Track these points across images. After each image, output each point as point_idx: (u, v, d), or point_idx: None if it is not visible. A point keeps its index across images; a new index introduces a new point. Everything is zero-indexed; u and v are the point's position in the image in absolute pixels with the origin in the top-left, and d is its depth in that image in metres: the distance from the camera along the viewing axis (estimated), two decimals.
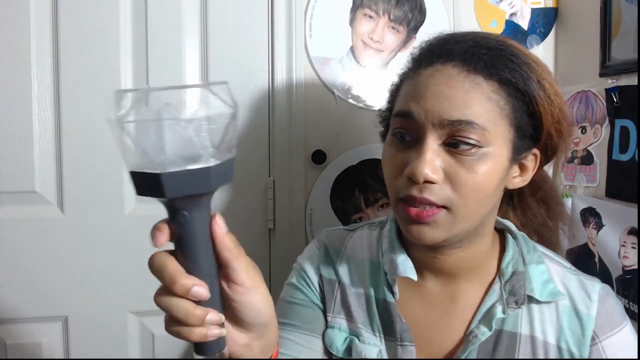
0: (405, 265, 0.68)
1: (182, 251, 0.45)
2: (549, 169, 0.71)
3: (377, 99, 1.20)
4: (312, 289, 0.75)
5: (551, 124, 0.63)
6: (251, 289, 0.48)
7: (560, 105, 0.63)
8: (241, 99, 1.14)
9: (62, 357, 1.14)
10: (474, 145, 0.59)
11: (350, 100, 1.19)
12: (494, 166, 0.60)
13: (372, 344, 0.69)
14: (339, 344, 0.70)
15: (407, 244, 0.71)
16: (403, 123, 0.62)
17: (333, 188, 1.20)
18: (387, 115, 0.72)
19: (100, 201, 1.12)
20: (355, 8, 1.18)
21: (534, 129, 0.63)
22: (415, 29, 1.20)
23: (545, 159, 0.67)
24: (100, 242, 1.12)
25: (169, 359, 1.18)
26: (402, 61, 1.19)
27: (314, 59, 1.17)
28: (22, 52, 1.07)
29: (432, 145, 0.59)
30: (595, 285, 0.68)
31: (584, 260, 1.06)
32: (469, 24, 1.22)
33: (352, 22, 1.18)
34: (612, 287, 0.98)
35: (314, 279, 0.75)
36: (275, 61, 1.15)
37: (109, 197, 1.12)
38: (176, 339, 0.45)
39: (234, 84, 0.44)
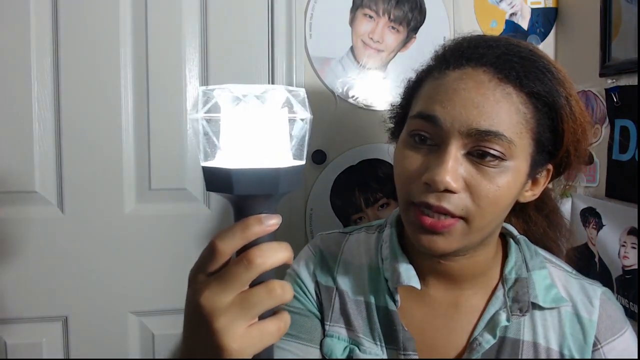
0: (408, 274, 0.66)
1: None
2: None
3: (377, 99, 1.20)
4: (308, 297, 0.72)
5: (571, 142, 0.61)
6: None
7: (583, 124, 0.62)
8: None
9: (62, 357, 1.14)
10: (497, 157, 0.57)
11: (350, 100, 1.19)
12: (513, 179, 0.58)
13: (374, 354, 0.67)
14: (338, 353, 0.68)
15: (409, 250, 0.69)
16: (424, 126, 0.59)
17: (333, 188, 1.20)
18: (400, 113, 0.69)
19: (100, 201, 1.12)
20: (355, 8, 1.18)
21: (552, 145, 0.61)
22: (415, 29, 1.20)
23: (556, 174, 0.66)
24: (100, 242, 1.12)
25: (168, 359, 1.18)
26: (402, 61, 1.21)
27: (314, 59, 1.17)
28: (22, 52, 1.07)
29: (455, 153, 0.57)
30: (597, 290, 0.68)
31: (584, 260, 1.06)
32: (469, 24, 1.21)
33: (352, 22, 1.18)
34: (612, 287, 0.98)
35: (310, 286, 0.73)
36: (275, 61, 1.15)
37: (109, 197, 1.12)
38: (176, 339, 0.44)
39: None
